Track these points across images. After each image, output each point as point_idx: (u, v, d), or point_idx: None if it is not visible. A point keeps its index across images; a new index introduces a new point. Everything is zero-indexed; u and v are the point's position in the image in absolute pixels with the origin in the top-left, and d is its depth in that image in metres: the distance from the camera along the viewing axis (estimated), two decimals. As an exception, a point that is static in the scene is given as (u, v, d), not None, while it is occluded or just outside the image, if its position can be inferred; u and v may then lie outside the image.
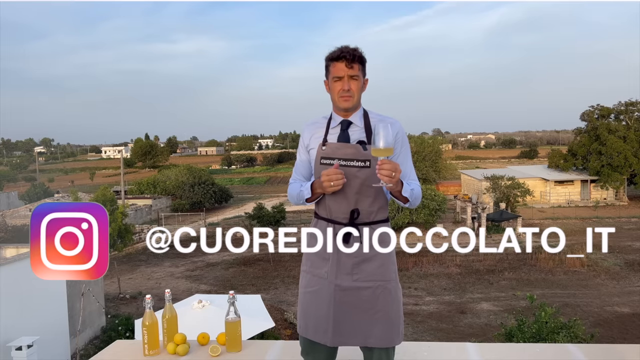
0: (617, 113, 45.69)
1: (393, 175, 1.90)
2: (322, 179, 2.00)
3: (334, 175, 1.98)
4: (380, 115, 2.18)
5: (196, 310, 7.49)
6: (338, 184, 1.98)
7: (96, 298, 14.65)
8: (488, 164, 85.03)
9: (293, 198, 2.23)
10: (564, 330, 8.85)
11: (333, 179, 1.98)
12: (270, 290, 20.14)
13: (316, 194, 2.11)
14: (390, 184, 1.94)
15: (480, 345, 2.83)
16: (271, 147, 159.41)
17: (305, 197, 2.14)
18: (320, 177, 2.03)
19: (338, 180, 1.98)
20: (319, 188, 2.06)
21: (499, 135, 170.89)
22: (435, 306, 18.31)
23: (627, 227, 32.99)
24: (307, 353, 2.25)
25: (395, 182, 1.94)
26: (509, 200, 36.53)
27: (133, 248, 29.03)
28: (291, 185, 2.26)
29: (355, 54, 2.07)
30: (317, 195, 2.12)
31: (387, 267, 2.14)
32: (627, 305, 17.94)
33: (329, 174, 1.99)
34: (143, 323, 2.60)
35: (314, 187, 2.11)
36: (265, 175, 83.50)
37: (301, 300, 2.24)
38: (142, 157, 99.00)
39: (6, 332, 9.58)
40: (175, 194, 45.86)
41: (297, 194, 2.19)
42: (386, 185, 1.94)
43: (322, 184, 2.01)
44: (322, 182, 2.01)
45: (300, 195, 2.16)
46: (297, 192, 2.18)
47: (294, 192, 2.21)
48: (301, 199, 2.16)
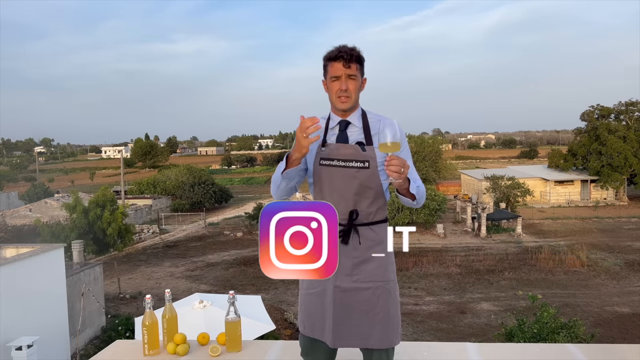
0: (617, 113, 45.69)
1: (402, 171, 1.86)
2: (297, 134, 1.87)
3: (308, 121, 1.84)
4: (379, 116, 2.17)
5: (196, 310, 7.48)
6: (310, 132, 1.84)
7: (96, 298, 14.64)
8: (488, 164, 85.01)
9: (274, 186, 2.08)
10: (564, 330, 8.85)
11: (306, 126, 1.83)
12: (270, 290, 20.14)
13: (292, 160, 1.97)
14: (400, 180, 1.90)
15: (480, 345, 2.83)
16: (271, 147, 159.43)
17: (281, 170, 2.00)
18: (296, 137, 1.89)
19: (309, 129, 1.83)
20: (296, 151, 1.92)
21: (499, 135, 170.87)
22: (435, 306, 18.31)
23: (627, 227, 32.98)
24: (306, 354, 2.25)
25: (404, 178, 1.91)
26: (509, 200, 36.53)
27: (133, 248, 29.02)
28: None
29: (353, 54, 2.05)
30: (294, 162, 1.97)
31: (386, 267, 2.13)
32: (627, 305, 17.93)
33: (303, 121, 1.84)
34: (143, 323, 2.60)
35: (289, 155, 1.98)
36: (265, 175, 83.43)
37: (302, 302, 2.23)
38: (142, 157, 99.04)
39: (6, 332, 9.57)
40: (175, 194, 45.86)
41: (275, 176, 2.05)
42: (395, 181, 1.91)
43: (297, 138, 1.87)
44: (297, 139, 1.87)
45: (277, 170, 2.03)
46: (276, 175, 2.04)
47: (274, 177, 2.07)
48: (277, 174, 2.02)
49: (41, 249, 11.43)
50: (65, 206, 22.06)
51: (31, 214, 35.37)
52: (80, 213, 21.23)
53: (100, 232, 21.59)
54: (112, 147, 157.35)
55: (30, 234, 28.19)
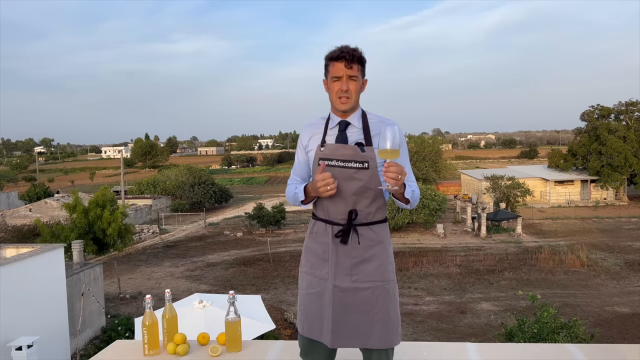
0: (617, 113, 45.69)
1: (399, 178, 1.90)
2: (317, 184, 2.00)
3: (330, 179, 1.98)
4: (379, 117, 2.16)
5: (196, 310, 7.48)
6: (333, 188, 1.98)
7: (96, 298, 14.64)
8: (488, 164, 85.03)
9: (290, 199, 2.25)
10: (564, 330, 8.84)
11: (329, 183, 1.98)
12: (270, 290, 20.14)
13: (311, 197, 2.12)
14: (396, 187, 1.93)
15: (480, 345, 2.82)
16: (271, 147, 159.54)
17: (300, 200, 2.15)
18: (314, 181, 2.03)
19: (334, 184, 1.98)
20: (314, 192, 2.06)
21: (499, 135, 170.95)
22: (435, 306, 18.30)
23: (627, 227, 32.97)
24: (306, 354, 2.25)
25: (400, 185, 1.94)
26: (509, 200, 36.52)
27: (133, 248, 29.02)
28: (289, 187, 2.27)
29: (355, 54, 2.04)
30: (312, 198, 2.13)
31: (385, 267, 2.13)
32: (627, 305, 17.93)
33: (325, 178, 1.98)
34: (143, 323, 2.60)
35: (307, 191, 2.12)
36: (265, 175, 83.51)
37: (302, 302, 2.23)
38: (142, 157, 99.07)
39: (6, 332, 9.58)
40: (175, 194, 45.86)
41: (292, 196, 2.20)
42: (391, 188, 1.94)
43: (318, 188, 2.00)
44: (317, 187, 2.01)
45: (295, 197, 2.18)
46: (292, 194, 2.20)
47: (290, 194, 2.23)
48: (297, 201, 2.18)
49: (41, 249, 11.43)
50: (65, 206, 22.03)
51: (31, 214, 35.38)
52: (80, 213, 21.21)
53: (100, 232, 21.58)
54: (112, 147, 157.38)
55: (30, 234, 28.20)
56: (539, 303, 9.31)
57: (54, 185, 66.58)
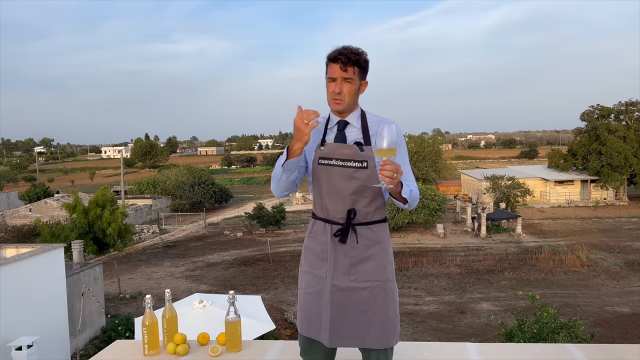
0: (617, 113, 45.70)
1: (395, 176, 1.87)
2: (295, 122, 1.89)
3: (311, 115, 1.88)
4: (378, 117, 2.15)
5: (196, 310, 7.48)
6: (310, 118, 1.88)
7: (96, 298, 14.64)
8: (488, 164, 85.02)
9: (274, 181, 2.10)
10: (564, 330, 8.84)
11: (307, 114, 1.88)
12: (270, 290, 20.14)
13: (294, 150, 1.97)
14: (391, 185, 1.91)
15: (480, 345, 2.83)
16: (271, 147, 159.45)
17: (281, 162, 2.02)
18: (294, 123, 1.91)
19: (310, 115, 1.88)
20: (297, 140, 1.93)
21: (499, 135, 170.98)
22: (435, 306, 18.30)
23: (627, 227, 32.98)
24: (306, 353, 2.25)
25: (396, 184, 1.92)
26: (509, 200, 36.52)
27: (133, 248, 29.02)
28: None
29: (352, 57, 2.00)
30: (295, 152, 1.98)
31: (384, 267, 2.12)
32: (627, 305, 17.93)
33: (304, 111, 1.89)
34: (143, 323, 2.60)
35: (290, 146, 1.99)
36: (265, 175, 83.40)
37: (301, 301, 2.23)
38: (142, 157, 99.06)
39: (6, 332, 9.58)
40: (175, 194, 45.86)
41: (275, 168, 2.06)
42: (387, 186, 1.93)
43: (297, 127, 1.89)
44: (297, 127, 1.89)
45: (277, 164, 2.04)
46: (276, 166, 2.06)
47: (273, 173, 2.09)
48: (277, 168, 2.04)
49: (41, 249, 11.43)
50: (65, 206, 22.04)
51: (31, 214, 35.37)
52: (80, 213, 21.21)
53: (100, 232, 21.58)
54: (112, 147, 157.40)
55: (30, 234, 28.19)
56: (539, 303, 9.32)
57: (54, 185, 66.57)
